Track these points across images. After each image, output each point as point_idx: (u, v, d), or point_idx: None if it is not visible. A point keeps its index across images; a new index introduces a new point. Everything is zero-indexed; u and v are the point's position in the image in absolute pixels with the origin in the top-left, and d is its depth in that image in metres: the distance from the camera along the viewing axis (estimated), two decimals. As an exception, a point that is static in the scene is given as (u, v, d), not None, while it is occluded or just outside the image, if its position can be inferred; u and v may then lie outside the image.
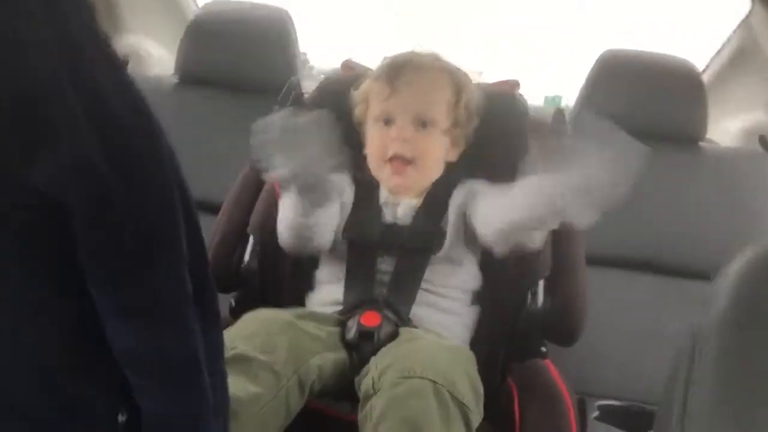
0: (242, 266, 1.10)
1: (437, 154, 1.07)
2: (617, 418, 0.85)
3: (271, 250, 1.08)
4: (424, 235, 1.03)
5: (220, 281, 1.12)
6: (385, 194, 1.08)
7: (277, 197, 1.14)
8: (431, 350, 0.85)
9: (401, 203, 1.06)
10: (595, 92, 1.61)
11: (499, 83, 1.28)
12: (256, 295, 1.10)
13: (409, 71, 1.05)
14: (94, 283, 0.41)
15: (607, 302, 1.37)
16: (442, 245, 1.02)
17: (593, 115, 1.59)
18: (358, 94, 1.12)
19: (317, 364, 0.86)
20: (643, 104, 1.58)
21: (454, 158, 1.10)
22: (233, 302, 1.12)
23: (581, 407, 1.07)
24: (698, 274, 1.38)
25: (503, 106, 1.18)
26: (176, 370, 0.45)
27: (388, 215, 1.06)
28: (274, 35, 1.69)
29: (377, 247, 1.02)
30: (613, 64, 1.61)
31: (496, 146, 1.13)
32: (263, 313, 0.94)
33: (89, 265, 0.41)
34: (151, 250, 0.42)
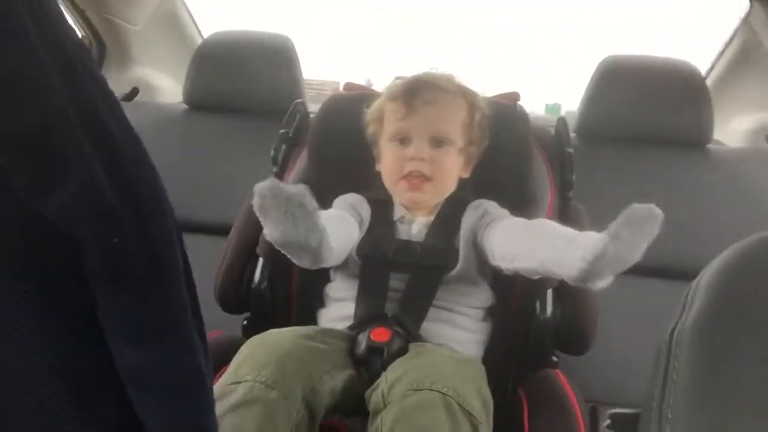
0: (252, 287, 1.12)
1: (453, 172, 1.08)
2: (629, 426, 0.84)
3: (280, 269, 1.10)
4: (437, 252, 1.04)
5: (231, 302, 1.14)
6: (399, 212, 1.09)
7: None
8: (441, 363, 0.85)
9: (415, 221, 1.07)
10: (597, 98, 1.62)
11: (500, 96, 1.29)
12: (267, 314, 1.11)
13: (425, 92, 1.07)
14: (105, 309, 0.43)
15: (618, 309, 1.36)
16: (455, 263, 1.02)
17: (597, 122, 1.61)
18: (371, 112, 1.13)
19: (329, 385, 0.86)
20: (647, 109, 1.58)
21: (467, 174, 1.11)
22: (245, 322, 1.13)
23: (593, 416, 1.06)
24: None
25: (505, 118, 1.19)
26: (184, 382, 0.46)
27: (402, 232, 1.07)
28: (277, 60, 1.73)
29: (391, 263, 1.03)
30: (614, 69, 1.62)
31: (502, 159, 1.14)
32: (271, 336, 0.94)
33: (102, 291, 0.42)
34: (159, 270, 0.44)
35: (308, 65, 1.81)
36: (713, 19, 1.89)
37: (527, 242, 0.91)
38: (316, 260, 0.81)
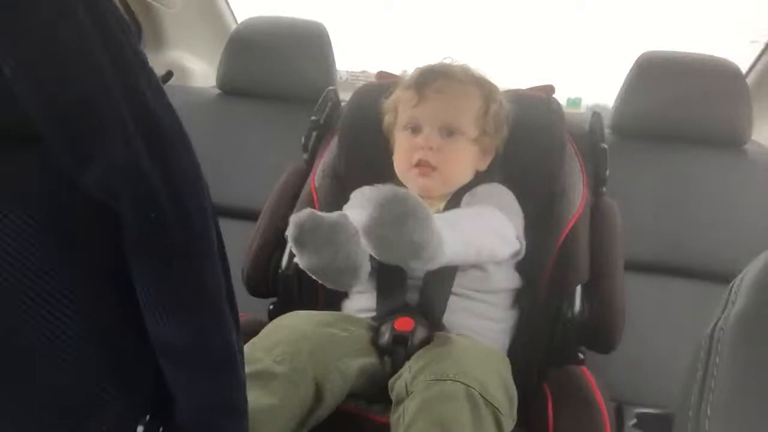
0: (280, 272, 1.13)
1: (463, 161, 1.08)
2: (655, 426, 0.82)
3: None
4: None
5: (259, 286, 1.15)
6: None
7: (315, 204, 1.16)
8: (465, 353, 0.85)
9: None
10: (633, 94, 1.59)
11: (534, 88, 1.27)
12: (293, 300, 1.12)
13: (438, 80, 1.07)
14: (141, 280, 0.44)
15: (647, 308, 1.34)
16: None
17: (632, 118, 1.58)
18: (387, 103, 1.14)
19: (341, 369, 0.86)
20: (684, 107, 1.55)
21: (483, 167, 1.11)
22: (272, 307, 1.14)
23: (618, 415, 1.05)
24: (743, 279, 1.34)
25: (538, 111, 1.18)
26: (216, 358, 0.47)
27: None
28: (310, 48, 1.73)
29: None
30: (651, 66, 1.58)
31: (533, 152, 1.13)
32: (289, 318, 0.95)
33: (137, 263, 0.43)
34: (195, 244, 0.44)
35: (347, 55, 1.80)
36: (753, 16, 1.84)
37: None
38: (354, 280, 0.82)
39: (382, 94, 1.18)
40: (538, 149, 1.14)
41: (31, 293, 0.41)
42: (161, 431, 0.49)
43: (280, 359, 0.82)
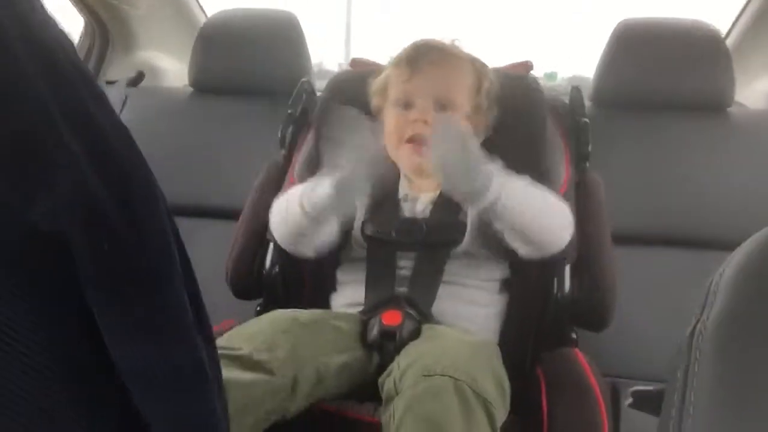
0: (264, 272, 1.11)
1: None
2: (653, 403, 0.81)
3: (291, 254, 1.08)
4: (443, 228, 1.01)
5: (244, 288, 1.13)
6: (404, 189, 1.07)
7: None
8: (453, 347, 0.83)
9: (420, 197, 1.05)
10: (613, 64, 1.56)
11: (512, 65, 1.25)
12: (279, 300, 1.10)
13: (431, 53, 1.04)
14: (99, 310, 0.42)
15: (636, 281, 1.33)
16: (462, 237, 1.00)
17: (613, 89, 1.56)
18: (377, 82, 1.10)
19: (317, 366, 0.85)
20: (665, 74, 1.53)
21: None
22: (258, 308, 1.12)
23: (614, 394, 1.04)
24: (733, 245, 1.33)
25: (518, 88, 1.15)
26: (186, 381, 0.45)
27: (406, 210, 1.04)
28: (282, 39, 1.69)
29: (397, 242, 1.01)
30: (629, 34, 1.56)
31: (514, 131, 1.10)
32: (275, 313, 0.94)
33: (95, 293, 0.41)
34: (156, 271, 0.43)
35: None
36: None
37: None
38: None
39: (357, 81, 1.15)
40: (519, 128, 1.12)
41: None
42: None
43: (260, 348, 0.82)
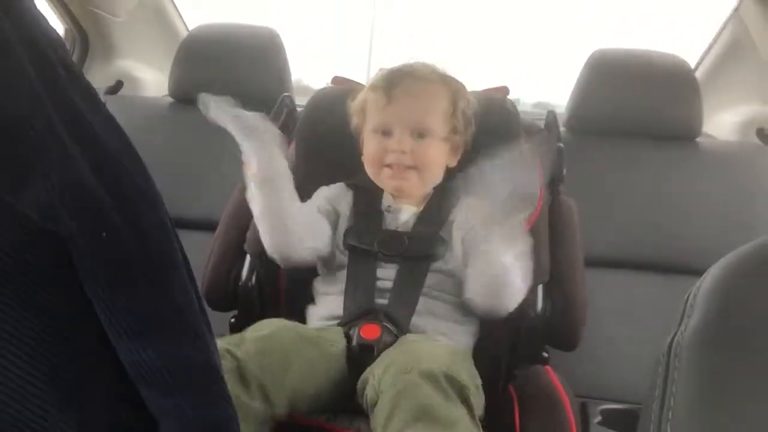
0: (240, 284, 1.10)
1: (438, 161, 1.08)
2: (620, 422, 0.83)
3: (268, 265, 1.08)
4: (425, 242, 1.03)
5: (219, 299, 1.13)
6: (387, 201, 1.08)
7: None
8: (426, 350, 0.85)
9: (402, 210, 1.06)
10: (586, 92, 1.61)
11: (489, 90, 1.28)
12: (255, 311, 1.10)
13: (405, 81, 1.07)
14: (102, 306, 0.41)
15: (608, 304, 1.36)
16: (443, 252, 1.01)
17: (586, 116, 1.61)
18: (355, 104, 1.13)
19: (317, 390, 0.87)
20: (636, 103, 1.57)
21: (454, 163, 1.10)
22: (233, 320, 1.12)
23: (584, 412, 1.06)
24: (701, 271, 1.37)
25: (494, 112, 1.18)
26: (196, 377, 0.45)
27: (389, 222, 1.06)
28: (263, 53, 1.71)
29: (377, 254, 1.02)
30: (603, 63, 1.61)
31: (490, 153, 1.13)
32: (281, 327, 0.92)
33: (97, 288, 0.41)
34: (156, 261, 0.42)
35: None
36: (702, 11, 1.88)
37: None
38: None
39: (338, 98, 1.17)
40: (495, 150, 1.14)
41: None
42: None
43: (269, 370, 0.82)
